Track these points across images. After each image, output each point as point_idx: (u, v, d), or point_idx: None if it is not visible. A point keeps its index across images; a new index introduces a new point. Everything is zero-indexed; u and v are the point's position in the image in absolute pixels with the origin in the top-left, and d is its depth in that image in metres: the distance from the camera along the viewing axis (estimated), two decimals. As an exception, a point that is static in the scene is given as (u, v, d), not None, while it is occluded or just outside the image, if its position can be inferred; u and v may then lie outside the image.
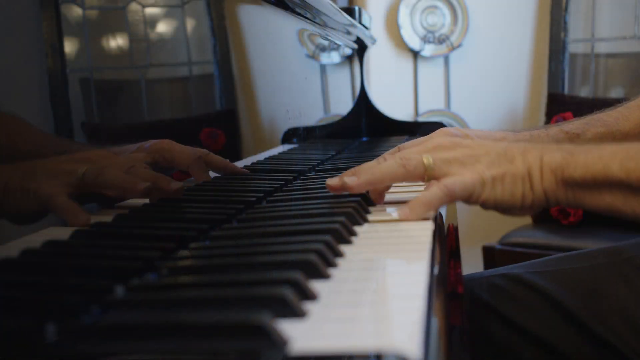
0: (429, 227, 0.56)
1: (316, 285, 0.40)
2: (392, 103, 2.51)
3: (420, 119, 2.61)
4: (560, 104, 2.27)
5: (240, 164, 0.93)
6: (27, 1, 0.57)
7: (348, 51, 1.69)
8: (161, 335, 0.32)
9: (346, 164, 1.01)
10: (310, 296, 0.38)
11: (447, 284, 0.47)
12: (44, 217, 0.55)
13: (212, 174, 0.81)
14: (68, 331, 0.32)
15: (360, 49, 1.77)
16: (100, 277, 0.41)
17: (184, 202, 0.67)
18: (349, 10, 1.59)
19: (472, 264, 2.25)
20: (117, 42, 0.72)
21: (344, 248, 0.49)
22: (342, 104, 1.64)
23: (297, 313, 0.35)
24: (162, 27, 0.81)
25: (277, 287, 0.36)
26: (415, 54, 2.67)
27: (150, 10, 0.77)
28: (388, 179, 0.63)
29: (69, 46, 0.63)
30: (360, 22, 1.64)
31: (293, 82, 1.22)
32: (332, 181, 0.64)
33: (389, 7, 2.67)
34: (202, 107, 0.92)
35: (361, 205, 0.63)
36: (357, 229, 0.56)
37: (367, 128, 1.77)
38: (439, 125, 1.70)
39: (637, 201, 0.58)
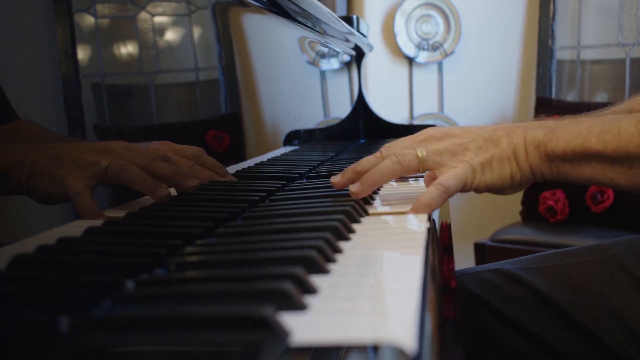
0: (423, 224, 0.56)
1: (316, 280, 0.40)
2: (389, 107, 2.52)
3: (415, 122, 2.61)
4: (547, 108, 2.27)
5: (244, 164, 0.93)
6: (42, 10, 0.57)
7: (347, 58, 1.69)
8: (169, 327, 0.32)
9: (345, 165, 1.01)
10: (310, 290, 0.38)
11: (440, 279, 0.47)
12: (65, 202, 0.55)
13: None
14: (80, 324, 0.32)
15: (358, 55, 1.77)
16: (111, 273, 0.41)
17: (191, 200, 0.66)
18: (348, 19, 1.60)
19: (464, 259, 2.25)
20: (127, 49, 0.72)
21: (342, 244, 0.49)
22: (341, 108, 1.64)
23: (298, 306, 0.35)
24: (170, 35, 0.81)
25: (279, 282, 0.36)
26: (411, 61, 2.67)
27: (159, 19, 0.77)
28: (387, 177, 0.64)
29: (82, 53, 0.63)
30: (358, 30, 1.64)
31: (294, 87, 1.22)
32: (335, 179, 0.67)
33: (385, 15, 2.67)
34: (207, 110, 0.92)
35: (359, 203, 0.63)
36: (355, 226, 0.56)
37: (364, 130, 1.78)
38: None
39: (614, 172, 0.59)
